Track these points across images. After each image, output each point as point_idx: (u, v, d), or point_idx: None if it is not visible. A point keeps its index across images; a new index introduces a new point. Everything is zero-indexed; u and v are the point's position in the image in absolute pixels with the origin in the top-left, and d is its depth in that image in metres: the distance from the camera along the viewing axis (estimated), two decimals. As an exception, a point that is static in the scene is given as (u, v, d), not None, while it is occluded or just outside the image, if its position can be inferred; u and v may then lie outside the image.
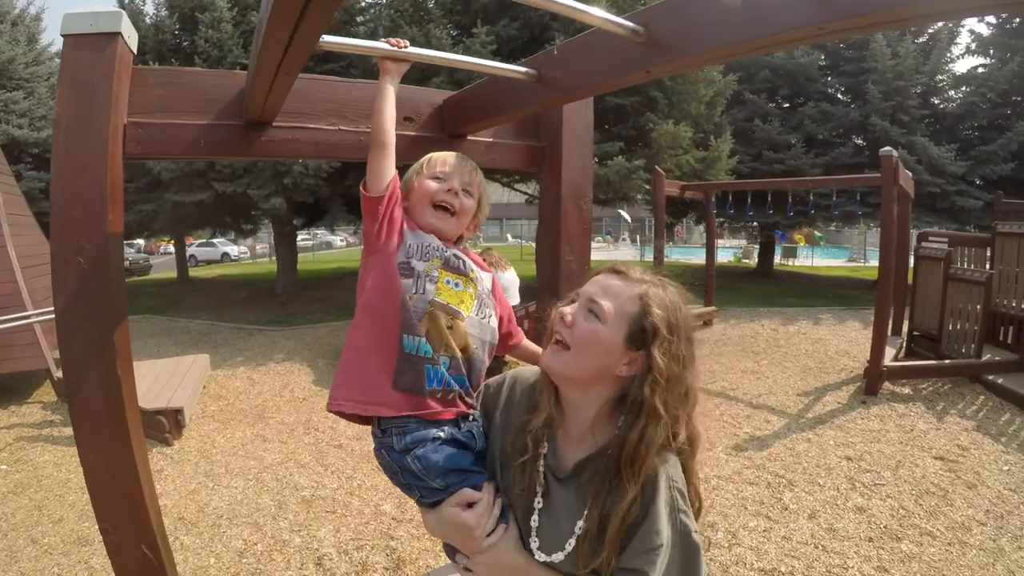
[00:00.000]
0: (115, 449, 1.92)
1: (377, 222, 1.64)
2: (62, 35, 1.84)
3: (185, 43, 15.47)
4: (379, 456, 1.66)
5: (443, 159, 1.79)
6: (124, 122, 1.96)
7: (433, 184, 1.74)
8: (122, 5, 16.06)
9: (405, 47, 1.86)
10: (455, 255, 1.72)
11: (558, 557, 1.43)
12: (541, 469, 1.50)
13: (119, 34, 1.86)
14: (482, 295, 1.73)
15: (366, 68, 13.19)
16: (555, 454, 1.51)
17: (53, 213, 1.84)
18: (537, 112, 2.65)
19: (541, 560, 1.46)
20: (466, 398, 1.65)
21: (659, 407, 1.35)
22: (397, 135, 1.79)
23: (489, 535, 1.51)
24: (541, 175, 2.86)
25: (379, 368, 1.59)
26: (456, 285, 1.67)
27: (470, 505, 1.53)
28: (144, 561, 2.00)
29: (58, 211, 1.84)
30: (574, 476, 1.47)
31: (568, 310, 1.47)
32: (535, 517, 1.49)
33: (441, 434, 1.59)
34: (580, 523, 1.40)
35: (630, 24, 1.63)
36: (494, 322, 1.75)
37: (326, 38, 1.70)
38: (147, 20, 16.03)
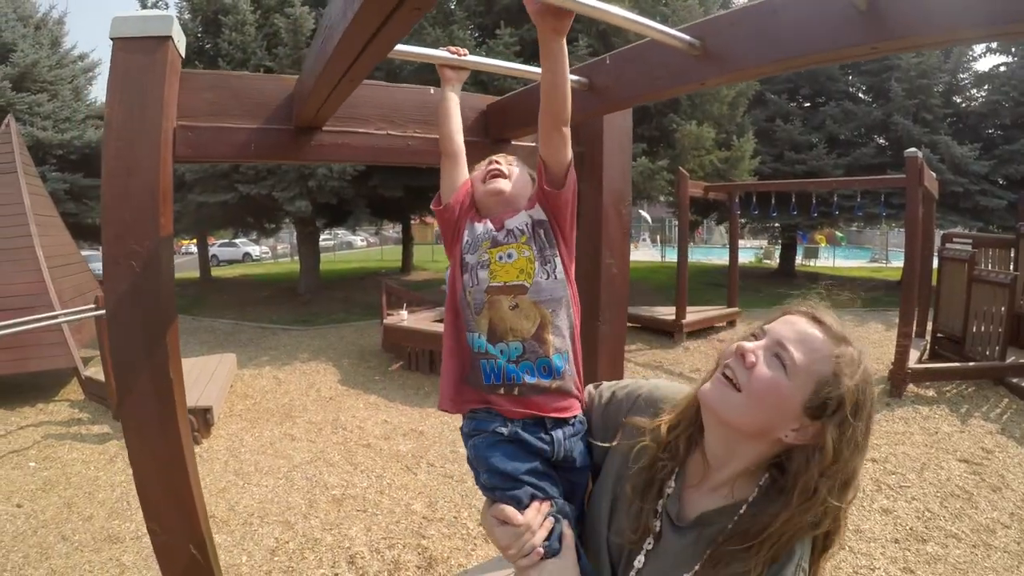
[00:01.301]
0: (166, 450, 1.92)
1: (448, 231, 1.64)
2: (111, 38, 1.84)
3: (208, 46, 15.58)
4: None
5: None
6: (175, 125, 1.96)
7: (479, 169, 1.71)
8: (145, 7, 16.20)
9: (464, 55, 1.86)
10: (505, 229, 1.61)
11: None
12: (660, 509, 1.35)
13: (170, 38, 1.86)
14: (540, 248, 1.58)
15: (388, 70, 13.23)
16: (678, 497, 1.35)
17: (104, 215, 1.84)
18: (595, 117, 2.62)
19: None
20: (547, 395, 1.51)
21: (817, 492, 1.17)
22: None
23: (526, 557, 1.38)
24: (582, 180, 2.84)
25: (455, 368, 1.58)
26: (509, 256, 1.57)
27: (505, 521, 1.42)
28: (191, 561, 2.01)
29: (109, 213, 1.83)
30: (695, 527, 1.30)
31: (751, 347, 1.27)
32: (640, 558, 1.34)
33: (503, 430, 1.51)
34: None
35: (687, 37, 1.65)
36: (560, 268, 1.58)
37: (399, 47, 1.72)
38: (170, 24, 16.18)
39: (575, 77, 2.07)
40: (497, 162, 1.67)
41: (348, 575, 4.40)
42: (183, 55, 2.01)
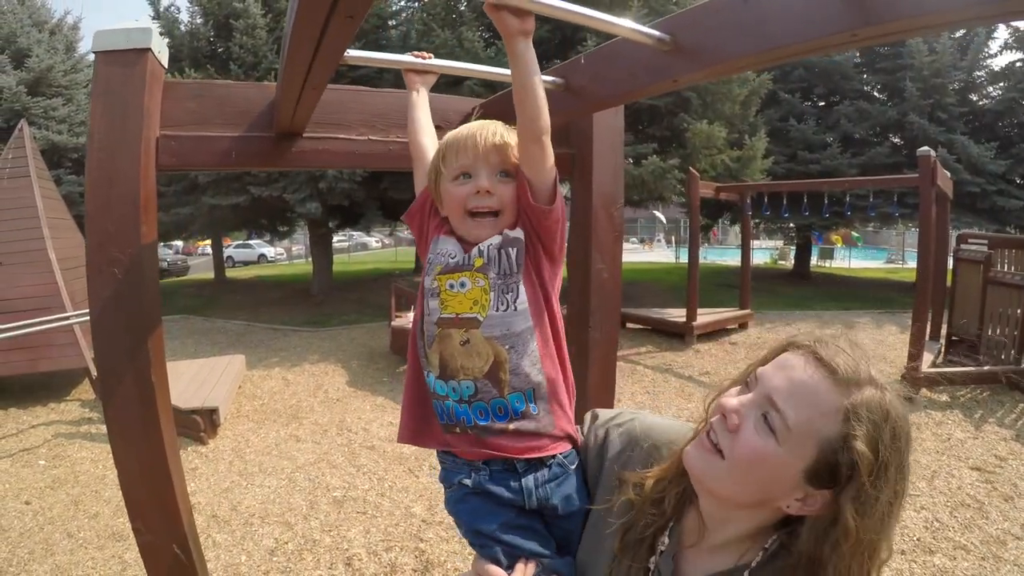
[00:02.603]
0: (148, 452, 1.96)
1: (419, 242, 1.56)
2: (94, 52, 1.88)
3: (220, 49, 15.77)
4: None
5: (459, 146, 1.43)
6: (157, 135, 1.99)
7: (459, 189, 1.43)
8: (158, 13, 16.45)
9: (429, 58, 1.85)
10: (470, 252, 1.43)
11: None
12: (652, 567, 1.18)
13: (149, 50, 1.90)
14: (503, 274, 1.39)
15: (398, 72, 13.24)
16: (672, 556, 1.18)
17: (88, 224, 1.88)
18: (573, 119, 2.59)
19: None
20: (507, 436, 1.35)
21: (835, 571, 0.98)
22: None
23: None
24: (572, 182, 2.82)
25: (413, 398, 1.48)
26: (462, 286, 1.40)
27: None
28: (175, 561, 2.03)
29: (92, 223, 1.87)
30: None
31: (734, 406, 1.07)
32: None
33: (468, 481, 1.38)
34: None
35: (656, 33, 1.58)
36: (523, 297, 1.38)
37: (351, 52, 1.73)
38: (182, 28, 16.37)
39: (550, 78, 2.04)
40: (488, 192, 1.41)
41: (345, 576, 4.43)
42: (165, 65, 2.04)
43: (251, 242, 41.82)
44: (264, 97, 2.23)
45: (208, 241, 28.75)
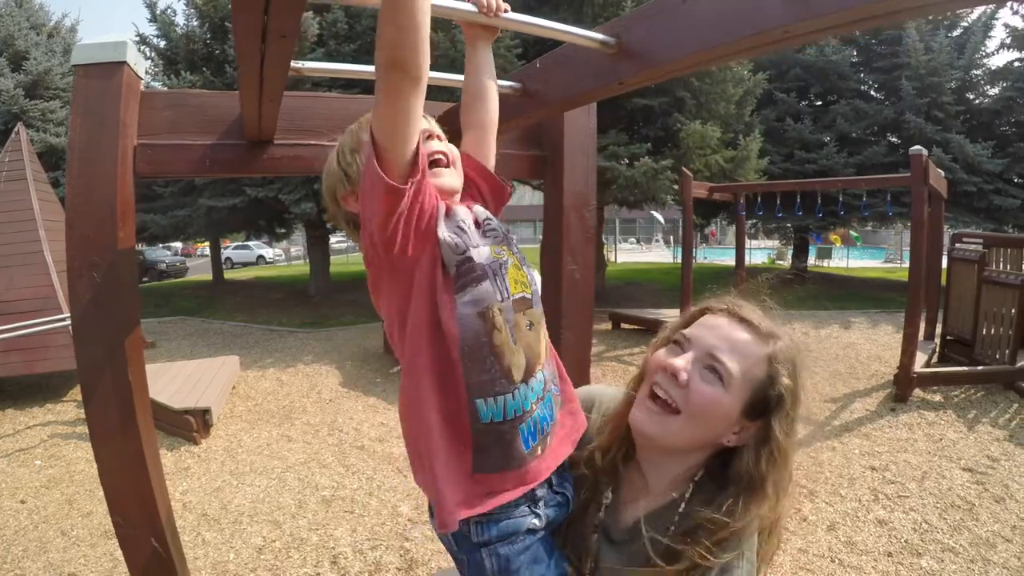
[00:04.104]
0: (126, 448, 2.03)
1: (404, 214, 1.11)
2: (73, 65, 1.97)
3: (217, 51, 15.80)
4: (441, 536, 1.31)
5: None
6: (134, 144, 2.07)
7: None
8: (154, 16, 16.46)
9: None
10: (489, 219, 1.31)
11: None
12: (596, 523, 1.30)
13: (125, 62, 1.97)
14: (516, 245, 1.32)
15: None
16: (613, 509, 1.30)
17: (67, 231, 1.96)
18: (533, 122, 2.60)
19: None
20: (565, 427, 1.29)
21: (768, 487, 1.17)
22: None
23: None
24: (544, 184, 2.85)
25: (457, 453, 1.18)
26: (520, 260, 1.30)
27: None
28: (153, 553, 2.12)
29: (72, 229, 1.96)
30: (630, 540, 1.26)
31: (680, 364, 1.20)
32: None
33: (537, 522, 1.21)
34: None
35: (600, 36, 1.60)
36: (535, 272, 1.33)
37: (307, 64, 1.82)
38: (178, 30, 16.38)
39: (508, 83, 2.07)
40: (437, 136, 1.35)
41: (330, 574, 4.48)
42: (141, 77, 2.12)
43: (249, 243, 41.81)
44: (235, 105, 2.29)
45: (207, 242, 28.79)
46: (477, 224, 1.26)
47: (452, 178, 1.30)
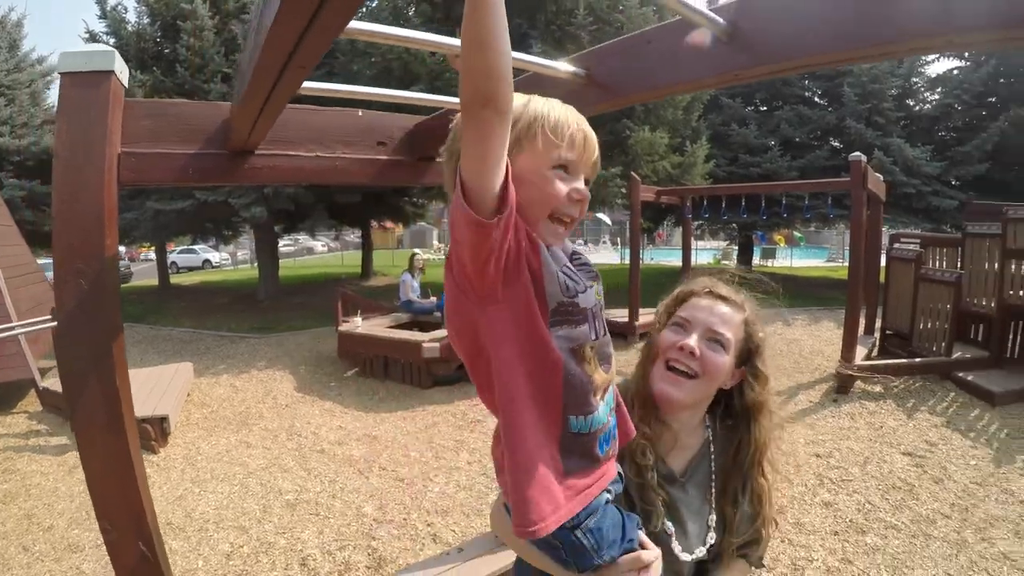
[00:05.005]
0: (114, 454, 2.06)
1: (498, 253, 1.06)
2: (59, 73, 1.98)
3: (167, 51, 15.51)
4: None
5: (568, 132, 1.19)
6: (118, 152, 2.10)
7: (560, 183, 1.18)
8: (104, 12, 16.07)
9: None
10: (577, 253, 1.33)
11: (701, 552, 1.54)
12: (655, 480, 1.52)
13: (112, 72, 2.00)
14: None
15: (347, 77, 13.30)
16: (663, 462, 1.57)
17: (55, 238, 1.97)
18: None
19: (686, 559, 1.51)
20: (622, 425, 1.39)
21: (771, 405, 1.60)
22: (368, 160, 1.91)
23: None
24: None
25: (549, 461, 1.18)
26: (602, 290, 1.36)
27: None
28: (141, 557, 2.14)
29: (59, 237, 1.97)
30: (689, 478, 1.59)
31: (692, 343, 1.52)
32: (668, 525, 1.50)
33: (608, 495, 1.31)
34: (712, 516, 1.58)
35: (572, 68, 1.80)
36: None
37: (313, 84, 1.88)
38: (129, 28, 16.02)
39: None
40: (585, 199, 1.25)
41: (300, 576, 4.52)
42: (126, 85, 2.15)
43: (195, 247, 41.01)
44: (217, 116, 2.35)
45: (152, 247, 28.18)
46: (568, 257, 1.27)
47: (560, 242, 1.26)
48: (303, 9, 1.12)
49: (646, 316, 12.39)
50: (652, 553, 1.34)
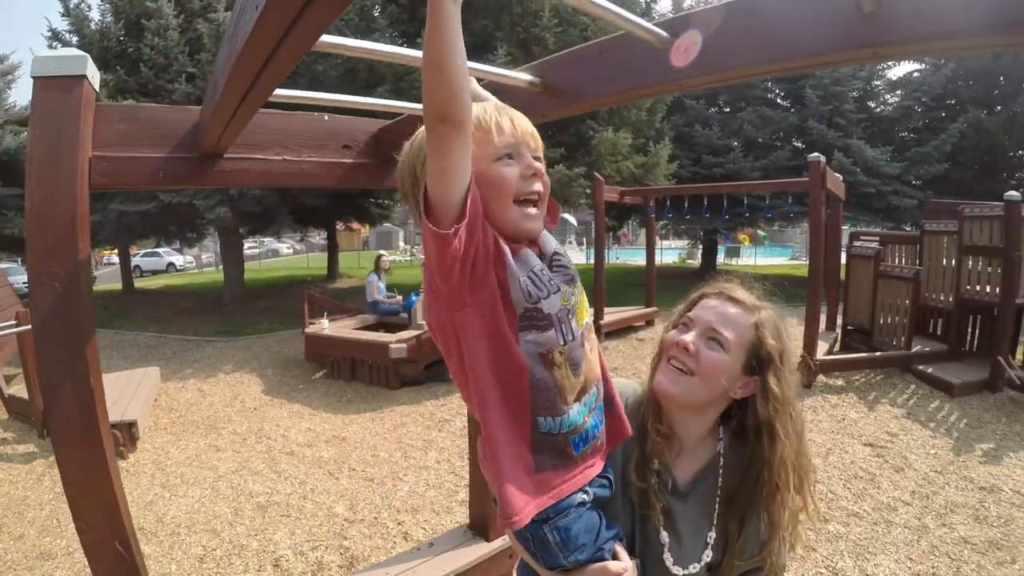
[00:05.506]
0: (90, 455, 2.07)
1: (466, 264, 1.12)
2: (32, 76, 1.99)
3: (131, 49, 15.31)
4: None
5: (490, 120, 1.24)
6: (90, 156, 2.11)
7: (508, 170, 1.22)
8: (67, 11, 15.81)
9: None
10: (557, 254, 1.34)
11: (695, 568, 1.48)
12: (656, 486, 1.50)
13: (84, 76, 2.02)
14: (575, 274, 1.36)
15: (312, 78, 13.26)
16: (668, 470, 1.53)
17: (28, 241, 1.99)
18: None
19: (677, 573, 1.48)
20: (612, 426, 1.44)
21: (778, 428, 1.47)
22: (334, 163, 1.94)
23: None
24: None
25: (519, 456, 1.24)
26: (575, 294, 1.33)
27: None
28: (118, 558, 2.15)
29: (33, 240, 1.98)
30: (692, 489, 1.53)
31: (688, 339, 1.49)
32: (663, 535, 1.49)
33: (585, 497, 1.34)
34: (711, 533, 1.51)
35: (528, 77, 1.88)
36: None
37: (285, 92, 1.91)
38: (92, 26, 15.77)
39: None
40: (539, 174, 1.27)
41: (274, 577, 4.53)
42: (97, 89, 2.17)
43: (159, 250, 40.44)
44: (188, 120, 2.37)
45: (114, 250, 27.74)
46: (543, 257, 1.30)
47: (536, 222, 1.29)
48: (280, 20, 1.16)
49: (611, 315, 12.51)
50: (620, 565, 1.35)
